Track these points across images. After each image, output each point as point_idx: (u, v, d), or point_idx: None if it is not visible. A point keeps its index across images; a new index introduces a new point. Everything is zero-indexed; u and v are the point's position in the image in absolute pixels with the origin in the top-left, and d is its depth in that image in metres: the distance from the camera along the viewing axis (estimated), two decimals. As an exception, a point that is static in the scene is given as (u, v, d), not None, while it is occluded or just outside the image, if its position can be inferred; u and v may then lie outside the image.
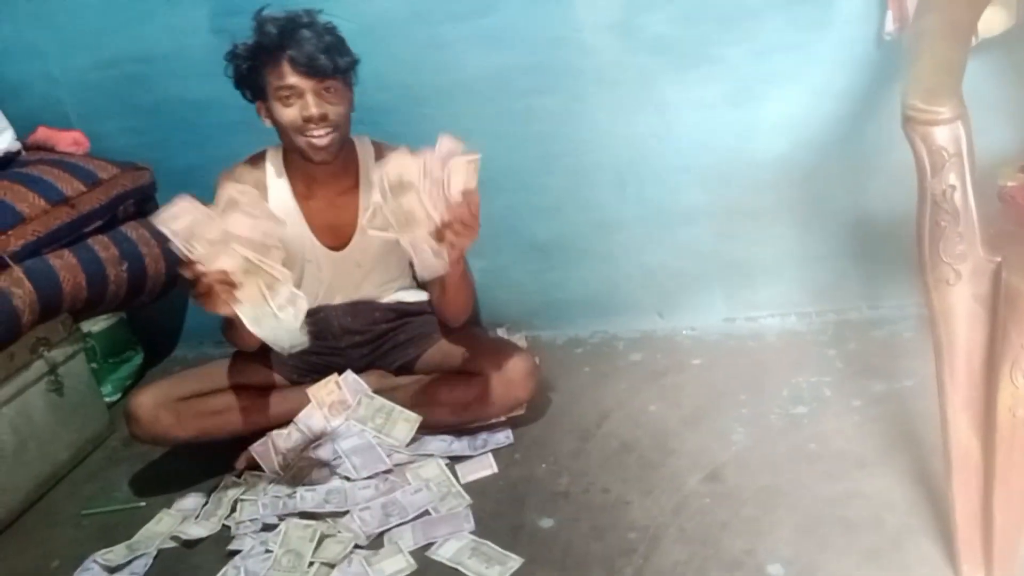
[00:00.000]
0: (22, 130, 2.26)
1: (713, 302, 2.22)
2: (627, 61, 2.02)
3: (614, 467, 1.73)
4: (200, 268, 1.45)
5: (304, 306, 1.53)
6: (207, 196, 1.72)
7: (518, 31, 2.04)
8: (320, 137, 1.74)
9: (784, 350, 2.06)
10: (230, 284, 1.46)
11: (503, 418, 1.91)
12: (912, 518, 1.43)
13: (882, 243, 2.03)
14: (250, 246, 1.47)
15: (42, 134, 2.32)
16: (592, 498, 1.65)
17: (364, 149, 1.92)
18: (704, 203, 2.13)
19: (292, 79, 1.70)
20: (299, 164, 1.85)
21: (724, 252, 2.17)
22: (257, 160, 1.93)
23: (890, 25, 1.81)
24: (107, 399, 2.29)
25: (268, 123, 1.80)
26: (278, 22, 1.70)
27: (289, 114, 1.73)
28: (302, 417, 1.89)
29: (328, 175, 1.86)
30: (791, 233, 2.12)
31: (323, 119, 1.73)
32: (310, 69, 1.69)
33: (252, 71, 1.75)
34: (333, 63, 1.70)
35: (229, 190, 1.52)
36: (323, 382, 1.91)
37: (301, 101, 1.72)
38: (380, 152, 1.91)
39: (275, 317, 1.50)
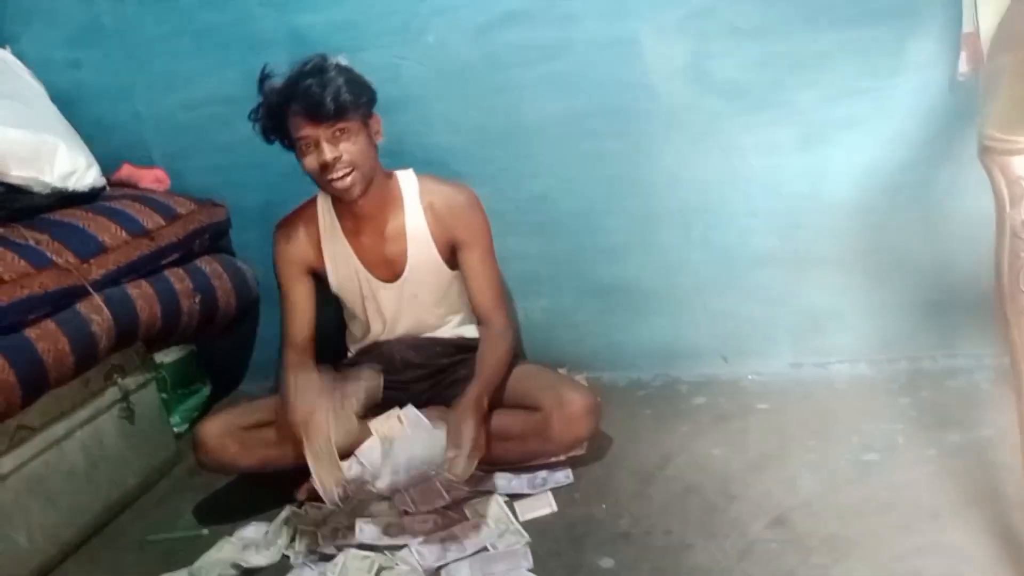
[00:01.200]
0: (108, 167, 2.35)
1: (780, 348, 2.18)
2: (696, 105, 2.04)
3: (676, 510, 1.69)
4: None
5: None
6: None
7: (588, 75, 2.08)
8: (340, 179, 1.79)
9: (854, 397, 2.01)
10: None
11: (563, 457, 1.89)
12: None
13: (957, 291, 1.98)
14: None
15: (126, 171, 2.42)
16: (654, 540, 1.61)
17: (408, 181, 1.96)
18: (772, 248, 2.11)
19: (304, 130, 1.76)
20: (345, 203, 1.89)
21: (792, 298, 2.14)
22: (309, 205, 2.00)
23: (964, 66, 1.80)
24: (175, 429, 2.34)
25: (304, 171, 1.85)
26: (277, 79, 1.77)
27: (308, 162, 1.79)
28: (363, 450, 1.89)
29: (372, 210, 1.91)
30: (862, 280, 2.08)
31: (338, 161, 1.77)
32: (316, 116, 1.73)
33: (274, 127, 1.81)
34: (337, 105, 1.73)
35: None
36: (384, 416, 1.92)
37: (317, 148, 1.76)
38: (425, 184, 1.95)
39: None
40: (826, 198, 2.03)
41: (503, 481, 1.86)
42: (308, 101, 1.72)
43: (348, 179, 1.78)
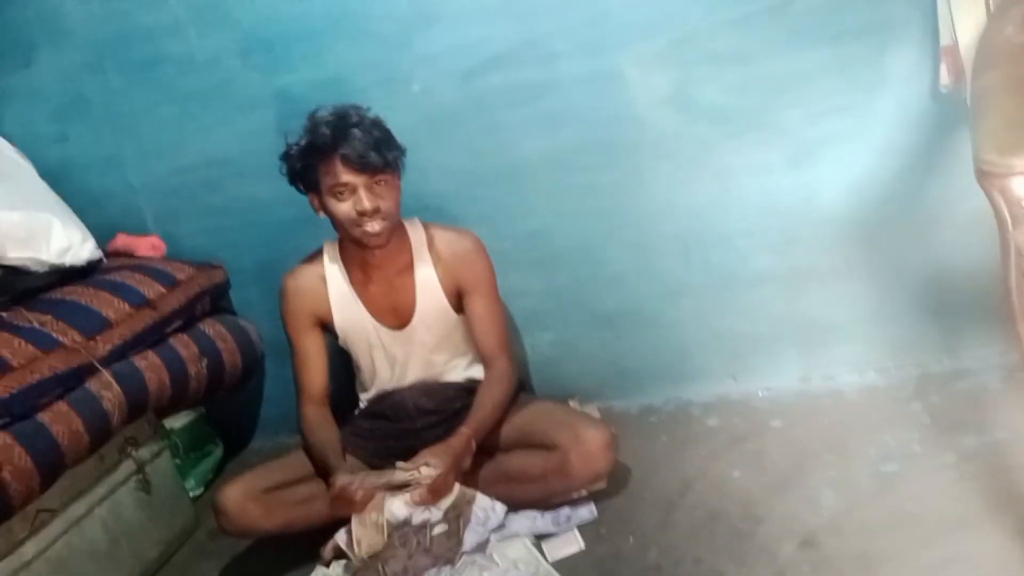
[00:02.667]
0: (103, 237, 2.36)
1: (787, 362, 2.20)
2: (684, 132, 2.07)
3: (703, 537, 1.70)
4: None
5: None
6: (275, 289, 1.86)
7: (574, 111, 2.10)
8: (373, 227, 1.81)
9: (866, 407, 2.03)
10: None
11: (584, 492, 1.90)
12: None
13: (958, 294, 2.01)
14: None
15: (121, 241, 2.42)
16: (684, 570, 1.62)
17: (415, 230, 1.99)
18: (771, 266, 2.13)
19: (345, 176, 1.77)
20: (354, 252, 1.91)
21: (795, 313, 2.16)
22: (315, 256, 2.01)
23: (945, 78, 1.83)
24: (191, 493, 2.33)
25: (321, 214, 1.87)
26: (330, 123, 1.78)
27: (343, 208, 1.80)
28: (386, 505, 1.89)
29: (383, 259, 1.92)
30: (863, 290, 2.10)
31: (376, 212, 1.79)
32: (361, 166, 1.76)
33: (305, 168, 1.83)
34: (383, 158, 1.77)
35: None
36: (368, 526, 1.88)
37: (354, 196, 1.79)
38: (430, 232, 1.98)
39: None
40: (819, 213, 2.05)
41: (527, 521, 1.86)
42: (356, 150, 1.75)
43: (380, 228, 1.81)
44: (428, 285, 1.96)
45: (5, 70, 2.41)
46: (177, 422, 2.38)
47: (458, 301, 1.99)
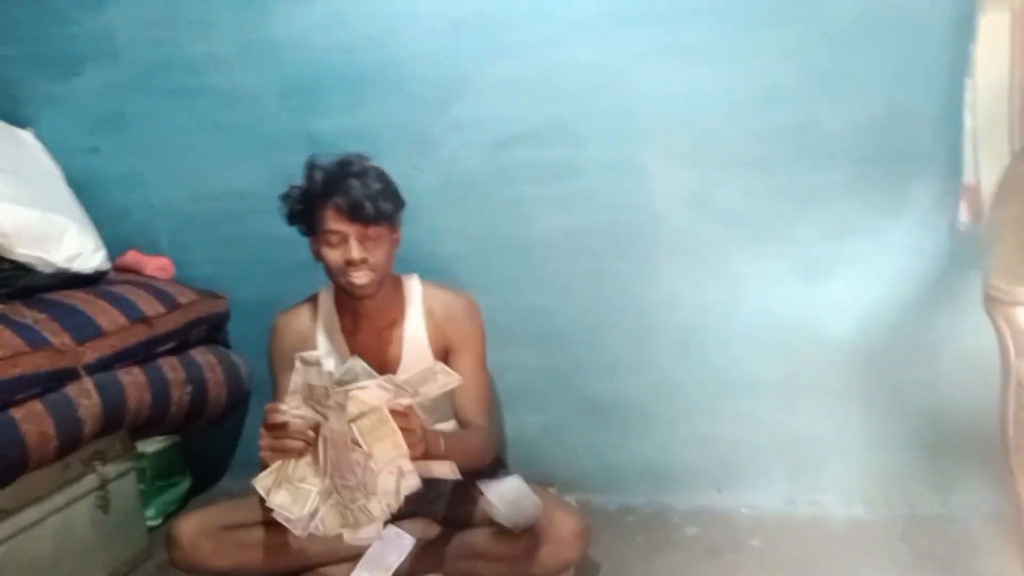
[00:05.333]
0: (115, 252, 2.37)
1: (774, 480, 2.15)
2: (698, 231, 2.08)
3: (664, 647, 1.63)
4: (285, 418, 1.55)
5: (307, 510, 1.56)
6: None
7: (594, 196, 2.13)
8: (359, 278, 1.80)
9: (849, 539, 1.97)
10: (292, 447, 1.56)
11: (548, 582, 1.82)
12: None
13: (955, 434, 1.97)
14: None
15: (131, 257, 2.44)
16: (639, 677, 1.54)
17: (411, 285, 1.97)
18: (768, 376, 2.11)
19: (336, 224, 1.77)
20: (346, 300, 1.90)
21: (787, 428, 2.12)
22: (311, 300, 2.00)
23: (964, 216, 1.83)
24: (149, 522, 2.27)
25: (317, 259, 1.87)
26: (325, 170, 1.79)
27: (333, 256, 1.80)
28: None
29: (374, 310, 1.91)
30: (858, 416, 2.07)
31: (364, 263, 1.79)
32: (353, 216, 1.75)
33: (304, 212, 1.84)
34: (376, 210, 1.76)
35: None
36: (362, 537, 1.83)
37: (345, 245, 1.78)
38: (427, 289, 1.96)
39: (294, 494, 1.56)
40: (823, 332, 2.05)
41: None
42: (349, 199, 1.74)
43: (366, 279, 1.80)
44: (416, 340, 1.94)
45: (51, 78, 2.48)
46: (150, 447, 2.34)
47: (445, 360, 1.96)
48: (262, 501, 1.82)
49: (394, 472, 1.54)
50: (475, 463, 1.86)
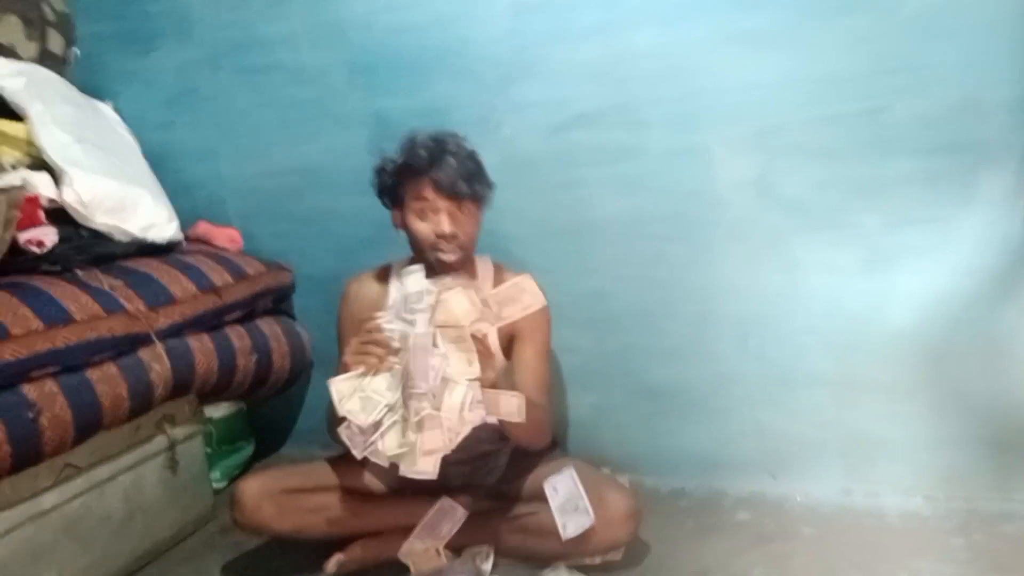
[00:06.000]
0: (186, 222, 2.45)
1: (830, 471, 2.12)
2: (759, 218, 2.06)
3: (710, 628, 1.63)
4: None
5: (373, 418, 1.61)
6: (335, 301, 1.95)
7: (654, 180, 2.13)
8: (447, 253, 1.84)
9: (904, 532, 1.93)
10: (377, 354, 1.63)
11: (598, 560, 1.85)
12: None
13: (1017, 432, 1.92)
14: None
15: (202, 228, 2.52)
16: (683, 657, 1.55)
17: (484, 266, 2.01)
18: (828, 368, 2.08)
19: (432, 198, 1.82)
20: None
21: (846, 421, 2.09)
22: (382, 270, 2.04)
23: (1037, 209, 1.79)
24: (214, 484, 2.36)
25: (401, 231, 1.91)
26: (428, 146, 1.84)
27: (424, 228, 1.84)
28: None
29: None
30: (919, 410, 2.03)
31: (453, 238, 1.83)
32: (450, 192, 1.81)
33: (395, 184, 1.88)
34: (471, 188, 1.82)
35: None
36: (423, 550, 1.88)
37: (436, 217, 1.83)
38: (499, 272, 1.99)
39: (364, 402, 1.61)
40: (886, 323, 2.01)
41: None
42: (449, 175, 1.80)
43: (454, 256, 1.85)
44: None
45: (130, 54, 2.59)
46: (216, 412, 2.43)
47: (509, 346, 1.98)
48: (322, 464, 1.89)
49: (463, 395, 1.59)
50: (535, 435, 1.89)
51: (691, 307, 2.17)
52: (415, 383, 1.57)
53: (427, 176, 1.81)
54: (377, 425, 1.61)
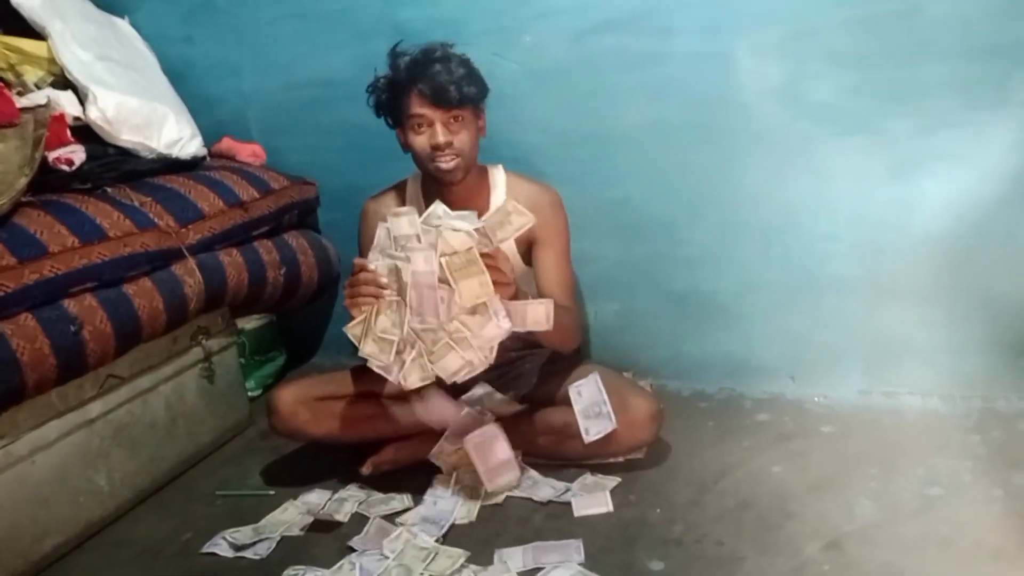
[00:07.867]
0: (209, 138, 2.47)
1: (850, 373, 2.16)
2: (787, 125, 2.04)
3: (730, 522, 1.70)
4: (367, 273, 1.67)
5: (392, 357, 1.66)
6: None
7: (680, 87, 2.10)
8: (446, 162, 1.85)
9: (923, 430, 1.98)
10: (368, 294, 1.67)
11: (622, 459, 1.92)
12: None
13: (1039, 335, 1.94)
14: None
15: (226, 144, 2.53)
16: (705, 549, 1.62)
17: (497, 175, 2.01)
18: (851, 274, 2.09)
19: (421, 109, 1.81)
20: (433, 188, 1.95)
21: (869, 326, 2.11)
22: (399, 186, 2.06)
23: (1070, 111, 1.76)
24: (249, 393, 2.44)
25: (406, 150, 1.91)
26: (409, 57, 1.83)
27: (419, 141, 1.85)
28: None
29: (459, 198, 1.94)
30: (942, 315, 2.04)
31: (449, 146, 1.83)
32: (438, 100, 1.80)
33: (390, 101, 1.88)
34: (460, 94, 1.80)
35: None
36: (453, 450, 1.95)
37: (430, 129, 1.83)
38: (512, 180, 1.99)
39: (378, 343, 1.67)
40: (912, 228, 2.01)
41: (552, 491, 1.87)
42: (435, 84, 1.79)
43: (452, 164, 1.85)
44: None
45: (145, -31, 2.54)
46: (248, 324, 2.49)
47: (528, 253, 2.00)
48: (353, 371, 1.95)
49: (485, 314, 1.63)
50: (565, 338, 1.93)
51: (715, 215, 2.17)
52: (425, 319, 1.61)
53: (414, 88, 1.81)
54: (400, 361, 1.67)
